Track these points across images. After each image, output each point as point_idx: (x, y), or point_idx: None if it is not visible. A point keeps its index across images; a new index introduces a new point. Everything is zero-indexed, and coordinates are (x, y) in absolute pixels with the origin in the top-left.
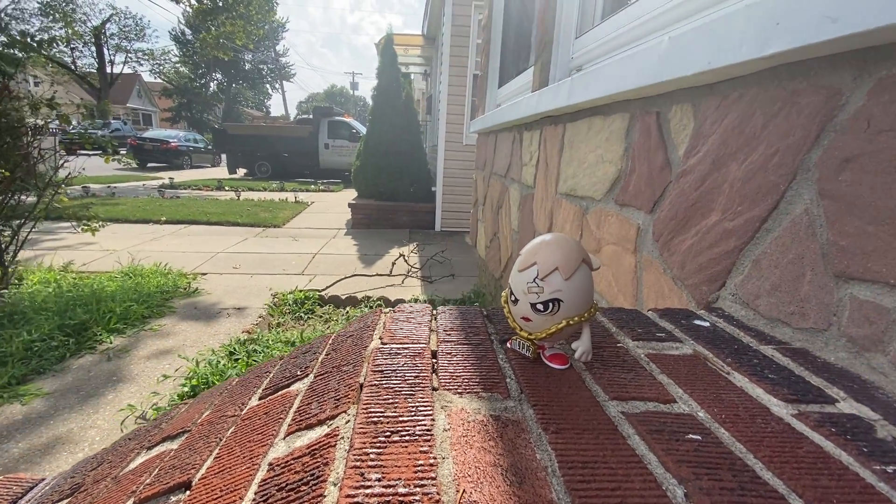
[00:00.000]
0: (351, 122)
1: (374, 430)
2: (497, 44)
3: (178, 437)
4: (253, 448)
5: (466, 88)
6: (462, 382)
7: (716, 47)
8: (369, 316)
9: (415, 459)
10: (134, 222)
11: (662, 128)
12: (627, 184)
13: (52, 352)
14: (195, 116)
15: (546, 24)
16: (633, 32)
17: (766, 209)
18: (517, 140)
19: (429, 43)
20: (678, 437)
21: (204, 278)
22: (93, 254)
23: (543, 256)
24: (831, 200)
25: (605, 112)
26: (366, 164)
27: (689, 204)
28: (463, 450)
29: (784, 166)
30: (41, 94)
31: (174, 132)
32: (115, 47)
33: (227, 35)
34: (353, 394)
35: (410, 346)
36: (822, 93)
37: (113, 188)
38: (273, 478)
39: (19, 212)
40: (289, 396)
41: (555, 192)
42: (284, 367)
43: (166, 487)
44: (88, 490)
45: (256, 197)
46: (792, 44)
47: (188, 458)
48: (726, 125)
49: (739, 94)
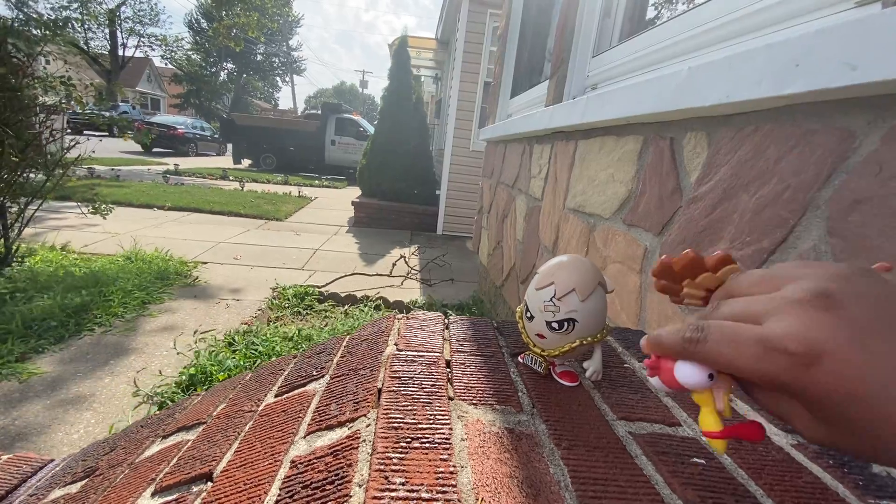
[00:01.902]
0: (359, 120)
1: (395, 435)
2: (512, 55)
3: (195, 429)
4: (274, 445)
5: (477, 95)
6: (477, 393)
7: (735, 81)
8: (382, 321)
9: (435, 466)
10: (137, 206)
11: (676, 153)
12: (637, 205)
13: (51, 332)
14: (203, 104)
15: (564, 41)
16: (651, 56)
17: (775, 242)
18: (527, 152)
19: (442, 47)
20: (683, 460)
21: (205, 267)
22: (95, 235)
23: (561, 277)
24: (840, 239)
25: (618, 133)
26: (372, 162)
27: (699, 230)
28: (480, 460)
29: (795, 202)
30: (54, 73)
31: (181, 119)
32: (128, 31)
33: (241, 26)
34: (371, 398)
35: (426, 355)
36: (835, 134)
37: (117, 171)
38: (297, 475)
39: (27, 190)
40: (306, 396)
41: (562, 207)
42: (299, 366)
43: (188, 477)
44: (105, 474)
45: (260, 189)
46: (810, 86)
47: (208, 449)
48: (740, 156)
49: (754, 127)
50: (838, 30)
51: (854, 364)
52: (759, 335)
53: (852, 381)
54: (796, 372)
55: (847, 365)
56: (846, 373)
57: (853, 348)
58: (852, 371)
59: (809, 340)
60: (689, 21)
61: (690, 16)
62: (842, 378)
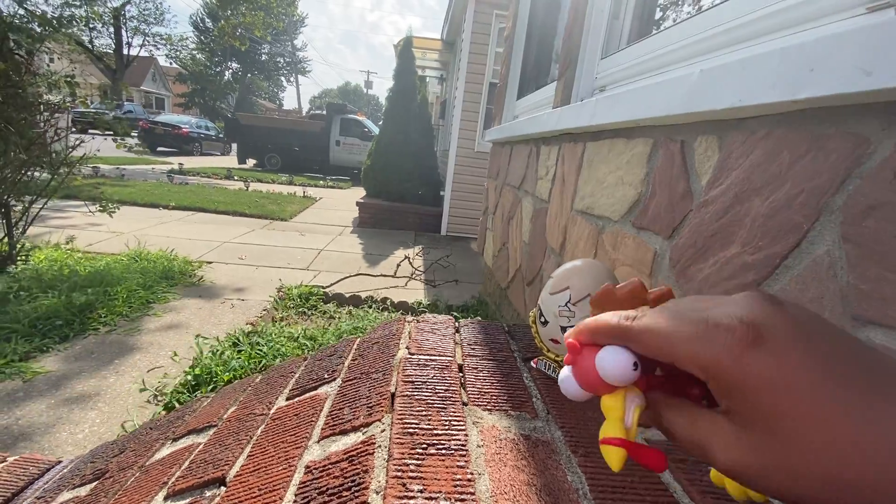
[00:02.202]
0: (363, 120)
1: (410, 441)
2: (518, 56)
3: (205, 431)
4: (287, 449)
5: (482, 96)
6: (491, 399)
7: (747, 85)
8: (393, 324)
9: (453, 473)
10: (142, 206)
11: (686, 157)
12: (647, 208)
13: (56, 330)
14: (208, 103)
15: (572, 43)
16: (660, 59)
17: (788, 247)
18: (534, 153)
19: (447, 48)
20: (701, 468)
21: (209, 266)
22: (100, 234)
23: (577, 282)
24: (854, 245)
25: (627, 135)
26: (376, 163)
27: (709, 234)
28: (498, 467)
29: (808, 207)
30: (58, 71)
31: (186, 118)
32: (133, 30)
33: (246, 25)
34: (385, 402)
35: (438, 359)
36: (850, 139)
37: (122, 170)
38: (312, 481)
39: (32, 188)
40: (318, 399)
41: (570, 209)
42: (310, 368)
43: (201, 482)
44: (115, 477)
45: (265, 189)
46: (824, 91)
47: (220, 453)
48: (752, 161)
49: (767, 131)
50: (854, 35)
51: (798, 350)
52: (701, 315)
53: (793, 369)
54: (735, 352)
55: (790, 349)
56: (788, 358)
57: (798, 334)
58: (795, 357)
59: (753, 318)
60: (699, 24)
61: (700, 19)
62: (782, 363)
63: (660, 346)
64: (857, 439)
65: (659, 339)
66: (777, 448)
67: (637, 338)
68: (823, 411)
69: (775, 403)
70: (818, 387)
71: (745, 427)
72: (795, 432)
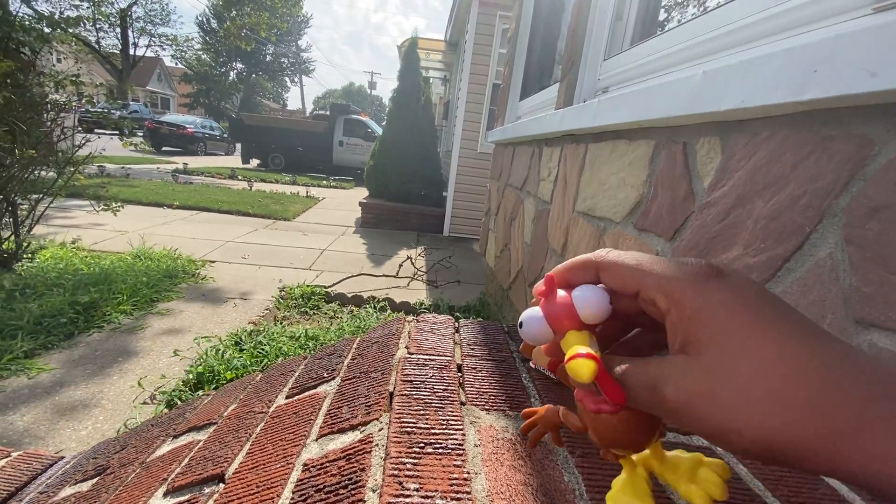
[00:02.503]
0: (367, 121)
1: (408, 440)
2: (522, 57)
3: (205, 429)
4: (286, 447)
5: (485, 97)
6: (489, 399)
7: (751, 87)
8: (393, 324)
9: (449, 472)
10: (146, 205)
11: (689, 158)
12: (648, 209)
13: (61, 328)
14: (213, 103)
15: (575, 44)
16: (663, 60)
17: (790, 249)
18: (536, 154)
19: (450, 49)
20: None
21: (212, 266)
22: (104, 233)
23: None
24: (857, 247)
25: (629, 137)
26: (379, 164)
27: (711, 236)
28: (494, 467)
29: (811, 209)
30: (65, 70)
31: (191, 118)
32: (139, 30)
33: (251, 26)
34: (383, 401)
35: (437, 358)
36: (854, 141)
37: (127, 169)
38: (310, 478)
39: (38, 187)
40: (317, 398)
41: (572, 210)
42: (310, 367)
43: (200, 478)
44: (116, 473)
45: (268, 189)
46: (829, 92)
47: (219, 450)
48: (755, 162)
49: (770, 133)
50: (858, 36)
51: (751, 290)
52: (674, 258)
53: (746, 300)
54: (700, 280)
55: (745, 287)
56: (743, 292)
57: (751, 283)
58: (749, 293)
59: (715, 264)
60: (702, 25)
61: (703, 20)
62: (738, 294)
63: (631, 275)
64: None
65: (630, 269)
66: (726, 370)
67: (609, 267)
68: (765, 342)
69: (729, 326)
70: (765, 322)
71: (700, 353)
72: (742, 354)
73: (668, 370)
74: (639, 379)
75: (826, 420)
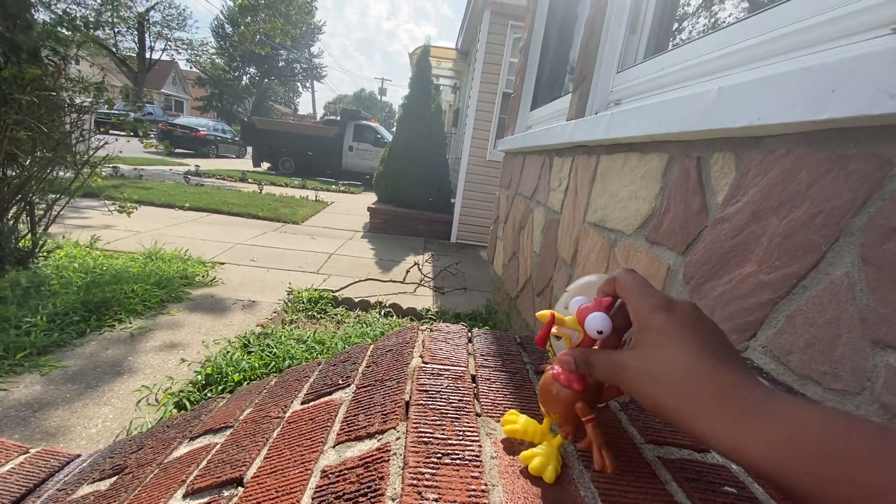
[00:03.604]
0: (377, 126)
1: (425, 450)
2: (533, 68)
3: (222, 432)
4: (304, 453)
5: (495, 105)
6: (504, 411)
7: (767, 104)
8: (406, 332)
9: (467, 484)
10: (158, 206)
11: (702, 173)
12: (661, 223)
13: (73, 326)
14: (225, 107)
15: (588, 56)
16: (677, 75)
17: (805, 267)
18: (546, 164)
19: (461, 57)
20: (714, 488)
21: (222, 268)
22: (116, 233)
23: (591, 296)
24: (874, 267)
25: (642, 150)
26: (388, 169)
27: (725, 251)
28: (511, 479)
29: (827, 227)
30: (84, 74)
31: (204, 121)
32: (156, 34)
33: (266, 32)
34: (399, 410)
35: (451, 368)
36: (871, 161)
37: (140, 170)
38: (329, 485)
39: (55, 187)
40: (332, 404)
41: (582, 221)
42: (325, 373)
43: (219, 481)
44: (134, 473)
45: (278, 192)
46: (847, 112)
47: (237, 454)
48: (770, 179)
49: (786, 150)
50: (877, 56)
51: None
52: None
53: (673, 327)
54: (654, 309)
55: (682, 319)
56: (676, 322)
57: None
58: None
59: (673, 299)
60: (716, 42)
61: (717, 36)
62: (672, 322)
63: (624, 296)
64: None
65: (623, 291)
66: (650, 363)
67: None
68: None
69: (659, 339)
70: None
71: (643, 348)
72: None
73: (625, 358)
74: (608, 363)
75: (686, 400)
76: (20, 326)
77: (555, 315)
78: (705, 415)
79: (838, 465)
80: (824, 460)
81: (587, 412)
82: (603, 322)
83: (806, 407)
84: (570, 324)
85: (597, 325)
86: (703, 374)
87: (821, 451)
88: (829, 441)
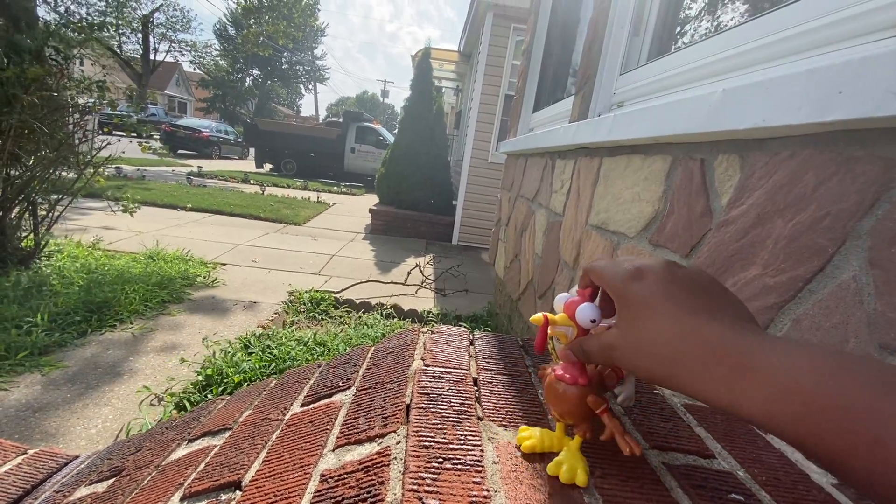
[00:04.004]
0: (379, 128)
1: (426, 454)
2: (536, 70)
3: (220, 434)
4: (302, 456)
5: (497, 108)
6: (506, 415)
7: (772, 106)
8: (407, 334)
9: (469, 490)
10: (161, 206)
11: (706, 175)
12: (664, 225)
13: (74, 326)
14: (228, 108)
15: (591, 58)
16: (680, 77)
17: (811, 270)
18: (549, 166)
19: (463, 59)
20: (721, 496)
21: (223, 268)
22: (118, 234)
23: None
24: (882, 271)
25: (645, 152)
26: (390, 171)
27: (729, 254)
28: (514, 485)
29: (834, 230)
30: (88, 75)
31: (206, 122)
32: (160, 36)
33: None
34: (400, 413)
35: (453, 371)
36: (879, 163)
37: (143, 171)
38: (328, 490)
39: (58, 187)
40: (332, 407)
41: (585, 223)
42: (325, 375)
43: (217, 484)
44: (131, 475)
45: (280, 193)
46: (853, 114)
47: (235, 457)
48: (775, 182)
49: (791, 152)
50: (885, 58)
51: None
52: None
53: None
54: (627, 281)
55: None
56: (651, 289)
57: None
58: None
59: (642, 265)
60: (719, 44)
61: (721, 38)
62: (646, 291)
63: (599, 279)
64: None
65: (596, 274)
66: (635, 335)
67: (589, 273)
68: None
69: (636, 312)
70: (658, 310)
71: (625, 322)
72: (641, 327)
73: (612, 338)
74: (597, 343)
75: (675, 367)
76: (21, 326)
77: (547, 317)
78: (697, 378)
79: (833, 418)
80: (818, 414)
81: (599, 403)
82: (592, 310)
83: (796, 355)
84: (562, 321)
85: (588, 314)
86: (685, 337)
87: (813, 405)
88: (822, 394)
